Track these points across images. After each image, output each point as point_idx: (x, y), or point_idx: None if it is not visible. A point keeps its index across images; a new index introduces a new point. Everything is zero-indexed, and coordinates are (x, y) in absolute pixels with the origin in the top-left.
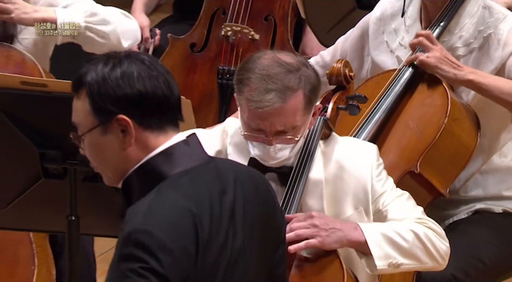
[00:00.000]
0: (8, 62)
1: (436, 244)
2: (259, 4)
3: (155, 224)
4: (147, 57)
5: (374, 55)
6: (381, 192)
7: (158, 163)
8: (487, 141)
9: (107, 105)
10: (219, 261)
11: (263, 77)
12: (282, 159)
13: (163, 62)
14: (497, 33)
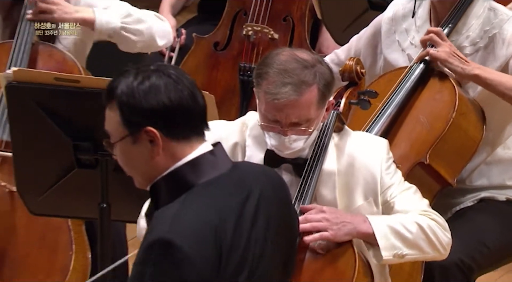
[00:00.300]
0: (50, 61)
1: (439, 235)
2: (278, 6)
3: (179, 235)
4: (174, 72)
5: (386, 53)
6: (390, 184)
7: (185, 172)
8: (492, 133)
9: (135, 117)
10: (240, 268)
11: (280, 71)
12: (296, 149)
13: (188, 60)
14: (501, 33)
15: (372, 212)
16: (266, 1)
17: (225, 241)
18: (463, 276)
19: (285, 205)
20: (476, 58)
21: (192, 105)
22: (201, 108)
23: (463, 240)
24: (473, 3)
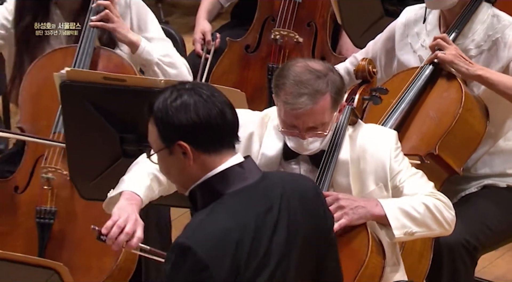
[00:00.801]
0: (109, 64)
1: (444, 214)
2: (303, 13)
3: (198, 242)
4: (206, 91)
5: (400, 55)
6: (398, 171)
7: (214, 182)
8: (494, 127)
9: (169, 132)
10: (258, 275)
11: (296, 83)
12: (313, 150)
13: (222, 61)
14: (503, 37)
15: (383, 196)
16: (292, 9)
17: (243, 249)
18: (468, 255)
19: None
20: (480, 59)
21: (221, 122)
22: (230, 124)
23: (468, 222)
24: (478, 10)
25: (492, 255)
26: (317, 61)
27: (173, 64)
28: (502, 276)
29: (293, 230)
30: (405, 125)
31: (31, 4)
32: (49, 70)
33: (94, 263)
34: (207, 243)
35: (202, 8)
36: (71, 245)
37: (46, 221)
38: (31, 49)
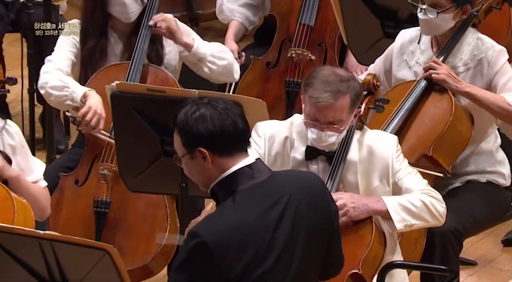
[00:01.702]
0: (156, 78)
1: (437, 208)
2: (315, 35)
3: (206, 230)
4: (221, 105)
5: (396, 71)
6: (398, 169)
7: (228, 181)
8: (478, 133)
9: (190, 140)
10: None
11: (323, 82)
12: (329, 143)
13: (247, 76)
14: (487, 57)
15: (385, 191)
16: (306, 31)
17: (247, 239)
18: (456, 240)
19: (319, 208)
20: (467, 75)
21: (233, 130)
22: (242, 132)
23: (455, 212)
24: (465, 34)
25: (474, 238)
26: (342, 69)
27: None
28: (482, 256)
29: (298, 221)
30: (404, 130)
31: (93, 30)
32: (105, 82)
33: (141, 246)
34: (214, 233)
35: (230, 31)
36: (122, 230)
37: (102, 210)
38: (93, 64)
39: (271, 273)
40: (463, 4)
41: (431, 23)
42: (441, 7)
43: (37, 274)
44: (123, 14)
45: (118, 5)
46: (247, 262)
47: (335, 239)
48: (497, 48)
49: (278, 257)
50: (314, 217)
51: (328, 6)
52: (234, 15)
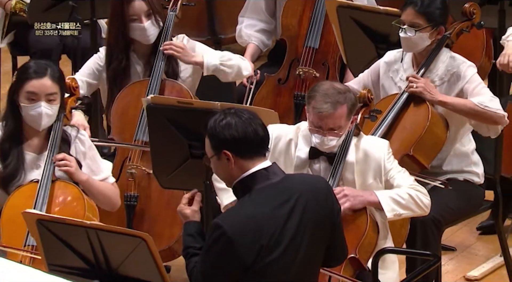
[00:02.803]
0: (173, 91)
1: (423, 200)
2: (319, 56)
3: (227, 221)
4: (245, 115)
5: (385, 85)
6: (389, 168)
7: (246, 181)
8: (452, 135)
9: (217, 144)
10: (274, 248)
11: (323, 95)
12: (331, 146)
13: (261, 90)
14: (458, 72)
15: (378, 187)
16: (311, 53)
17: (262, 229)
18: (435, 227)
19: (325, 207)
20: (442, 87)
21: (254, 137)
22: (261, 139)
23: (435, 204)
24: (440, 52)
25: (453, 228)
26: (339, 83)
27: (230, 58)
28: (460, 243)
29: (305, 217)
30: (389, 134)
31: (117, 53)
32: (130, 97)
33: (166, 231)
34: (233, 223)
35: (247, 52)
36: (149, 219)
37: (131, 203)
38: (117, 83)
39: (280, 260)
40: (438, 25)
41: (410, 40)
42: (419, 27)
43: (85, 258)
44: (143, 37)
45: (139, 29)
46: (260, 249)
47: (338, 233)
48: (467, 63)
49: (286, 246)
50: (320, 213)
51: (330, 31)
52: (251, 39)
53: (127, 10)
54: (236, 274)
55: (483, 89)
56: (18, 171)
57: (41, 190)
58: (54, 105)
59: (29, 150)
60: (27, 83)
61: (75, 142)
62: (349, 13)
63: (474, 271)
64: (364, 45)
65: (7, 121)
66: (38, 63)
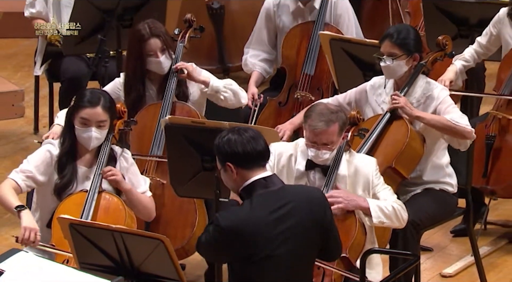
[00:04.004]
0: (183, 112)
1: (402, 214)
2: (314, 81)
3: (225, 217)
4: (247, 133)
5: (372, 106)
6: (377, 184)
7: (248, 188)
8: (428, 149)
9: (222, 157)
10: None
11: (318, 114)
12: (324, 159)
13: (264, 112)
14: (433, 94)
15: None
16: (307, 79)
17: (257, 229)
18: (415, 231)
19: (317, 214)
20: (420, 108)
21: (251, 151)
22: (259, 152)
23: (415, 210)
24: (417, 79)
25: (430, 231)
26: (331, 104)
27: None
28: (436, 244)
29: (298, 221)
30: (374, 148)
31: (135, 84)
32: (146, 117)
33: (178, 233)
34: (230, 221)
35: (252, 79)
36: (163, 223)
37: None
38: (135, 108)
39: (275, 256)
40: (412, 53)
41: (390, 68)
42: (395, 55)
43: (111, 258)
44: (159, 69)
45: (155, 63)
46: (255, 246)
47: (332, 234)
48: (440, 87)
49: (279, 244)
50: (312, 220)
51: (324, 60)
52: (255, 67)
53: (144, 47)
54: (225, 258)
55: (454, 108)
56: (71, 182)
57: (89, 198)
58: (103, 130)
59: (81, 164)
60: (82, 110)
61: (120, 158)
62: (340, 45)
63: (449, 268)
64: (353, 73)
65: (65, 139)
66: (93, 92)
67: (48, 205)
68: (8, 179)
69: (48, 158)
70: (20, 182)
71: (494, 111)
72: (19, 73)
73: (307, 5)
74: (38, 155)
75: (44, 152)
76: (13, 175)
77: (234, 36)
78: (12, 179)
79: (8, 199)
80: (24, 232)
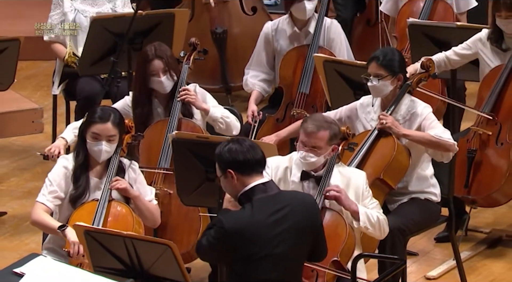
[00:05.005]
0: (187, 127)
1: (384, 227)
2: (309, 100)
3: (228, 220)
4: (246, 143)
5: (362, 123)
6: (366, 196)
7: (247, 193)
8: (414, 162)
9: (223, 165)
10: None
11: (313, 119)
12: (310, 161)
13: (263, 128)
14: (417, 111)
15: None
16: (303, 97)
17: (256, 230)
18: (402, 237)
19: (310, 218)
20: (405, 125)
21: (251, 158)
22: (258, 160)
23: (401, 217)
24: (403, 98)
25: (416, 238)
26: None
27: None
28: (422, 249)
29: (293, 223)
30: (364, 161)
31: (141, 101)
32: (154, 133)
33: (184, 239)
34: (232, 223)
35: (252, 98)
36: (170, 229)
37: None
38: (143, 124)
39: (272, 255)
40: (397, 74)
41: (376, 87)
42: (381, 76)
43: (123, 261)
44: (161, 88)
45: (157, 82)
46: (255, 246)
47: (321, 237)
48: (423, 105)
49: (276, 244)
50: (305, 223)
51: (318, 80)
52: (255, 87)
53: (148, 67)
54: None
55: (437, 124)
56: (85, 192)
57: (99, 207)
58: (113, 144)
59: (93, 175)
60: (93, 125)
61: (128, 170)
62: (333, 66)
63: (433, 271)
64: (345, 92)
65: (78, 152)
66: (104, 109)
67: (64, 212)
68: (38, 203)
69: (65, 173)
70: (48, 204)
71: (475, 127)
72: (38, 93)
73: (302, 30)
74: (57, 173)
75: (62, 168)
76: (41, 198)
77: (236, 58)
78: (41, 203)
79: (48, 222)
80: (74, 246)
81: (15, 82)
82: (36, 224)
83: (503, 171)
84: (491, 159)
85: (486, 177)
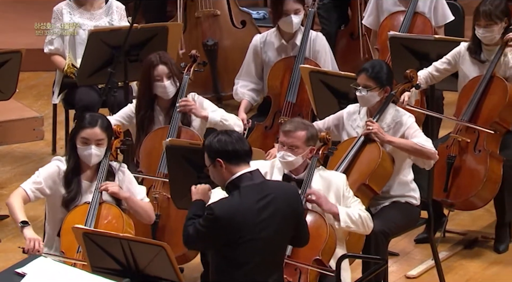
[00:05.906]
0: (186, 135)
1: (368, 223)
2: (296, 108)
3: (217, 206)
4: (234, 134)
5: (347, 130)
6: (347, 196)
7: (235, 181)
8: (397, 168)
9: (212, 154)
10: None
11: (291, 121)
12: (287, 160)
13: (252, 135)
14: (401, 121)
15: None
16: (290, 106)
17: (243, 215)
18: (384, 238)
19: (292, 206)
20: (389, 132)
21: (239, 149)
22: (246, 151)
23: (384, 220)
24: (388, 107)
25: (397, 239)
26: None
27: (227, 120)
28: (402, 249)
29: (277, 210)
30: (350, 167)
31: (144, 105)
32: (155, 140)
33: (180, 241)
34: (223, 209)
35: (241, 106)
36: (168, 232)
37: (155, 220)
38: (144, 129)
39: (256, 239)
40: (384, 86)
41: (364, 97)
42: (369, 87)
43: (119, 262)
44: (164, 94)
45: (161, 87)
46: (242, 231)
47: (302, 224)
48: (407, 115)
49: (261, 229)
50: (288, 211)
51: (304, 90)
52: (244, 96)
53: (153, 72)
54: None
55: (420, 133)
56: (77, 195)
57: (91, 209)
58: (102, 147)
59: (84, 178)
60: (82, 131)
61: (118, 173)
62: (318, 76)
63: (413, 271)
64: (329, 101)
65: (69, 158)
66: (92, 115)
67: (57, 215)
68: (20, 188)
69: (56, 172)
70: (29, 192)
71: (455, 135)
72: (39, 102)
73: (289, 42)
74: (48, 169)
75: (54, 167)
76: (25, 185)
77: (226, 69)
78: (23, 189)
79: (16, 212)
80: (29, 242)
81: (17, 92)
82: (8, 207)
83: (480, 176)
84: (470, 165)
85: (465, 182)
